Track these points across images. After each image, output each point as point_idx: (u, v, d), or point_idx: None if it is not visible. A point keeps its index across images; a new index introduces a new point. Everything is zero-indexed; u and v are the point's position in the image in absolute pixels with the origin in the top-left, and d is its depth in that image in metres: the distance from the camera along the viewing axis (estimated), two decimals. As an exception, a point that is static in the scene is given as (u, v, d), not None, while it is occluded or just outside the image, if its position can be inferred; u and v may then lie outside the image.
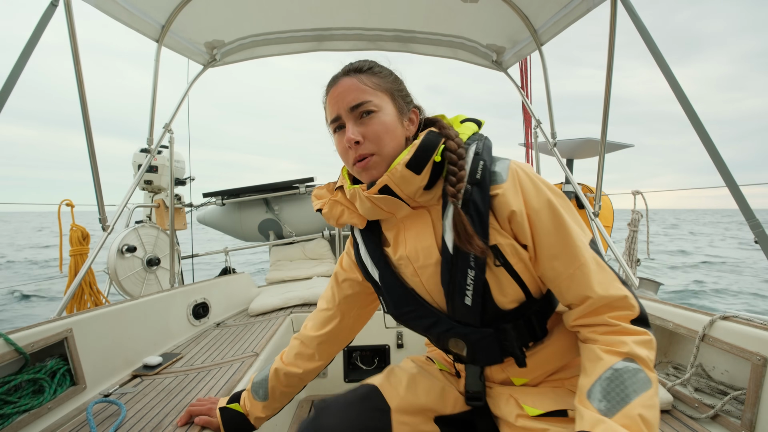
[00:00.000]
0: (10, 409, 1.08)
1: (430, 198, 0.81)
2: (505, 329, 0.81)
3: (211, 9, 2.18)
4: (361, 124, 0.79)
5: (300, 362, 1.05)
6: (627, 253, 2.68)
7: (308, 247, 3.36)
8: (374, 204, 0.81)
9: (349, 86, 0.80)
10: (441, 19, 2.41)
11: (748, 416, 1.09)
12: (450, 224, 0.77)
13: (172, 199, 2.77)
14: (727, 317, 1.23)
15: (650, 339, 0.72)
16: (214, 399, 1.12)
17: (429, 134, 0.79)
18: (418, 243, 0.83)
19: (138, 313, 1.71)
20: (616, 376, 0.67)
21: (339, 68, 0.86)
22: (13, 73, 1.45)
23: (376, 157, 0.79)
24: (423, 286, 0.85)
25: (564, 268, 0.75)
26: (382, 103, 0.80)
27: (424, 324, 0.86)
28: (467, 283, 0.77)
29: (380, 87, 0.81)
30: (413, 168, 0.76)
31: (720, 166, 1.47)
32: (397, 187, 0.77)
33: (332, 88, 0.83)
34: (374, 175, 0.80)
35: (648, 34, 1.64)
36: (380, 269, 0.88)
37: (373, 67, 0.84)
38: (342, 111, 0.80)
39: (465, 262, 0.76)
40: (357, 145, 0.78)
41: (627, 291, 0.74)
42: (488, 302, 0.79)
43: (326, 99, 0.85)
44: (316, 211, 0.91)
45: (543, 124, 2.68)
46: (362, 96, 0.79)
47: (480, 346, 0.83)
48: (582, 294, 0.74)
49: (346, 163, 0.84)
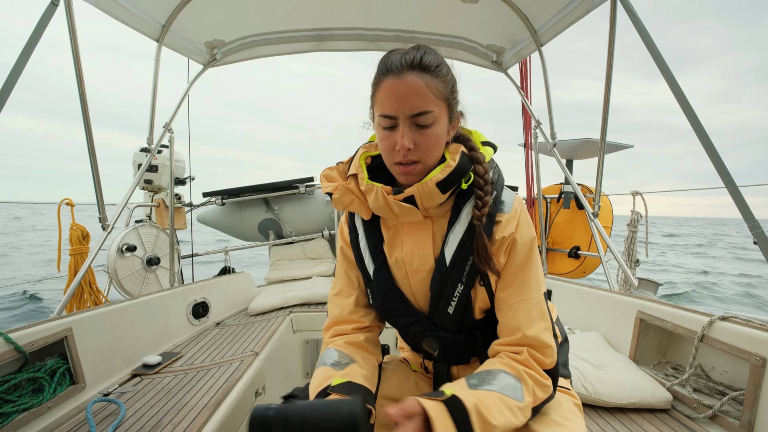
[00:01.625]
0: (9, 407, 1.08)
1: (439, 211, 0.85)
2: (476, 335, 0.90)
3: (211, 9, 2.18)
4: (416, 132, 0.78)
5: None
6: (626, 253, 2.68)
7: (308, 246, 3.36)
8: (390, 205, 0.82)
9: (415, 90, 0.76)
10: (441, 20, 2.41)
11: (746, 417, 1.09)
12: (457, 239, 0.82)
13: (172, 198, 2.77)
14: (726, 318, 1.24)
15: (549, 389, 0.79)
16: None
17: (462, 158, 0.81)
18: (415, 249, 0.86)
19: (138, 313, 1.71)
20: (495, 374, 0.75)
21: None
22: (14, 71, 1.46)
23: (421, 165, 0.80)
24: (410, 288, 0.90)
25: (513, 296, 0.82)
26: (439, 114, 0.79)
27: (405, 321, 0.91)
28: (454, 295, 0.84)
29: (441, 95, 0.79)
30: (441, 188, 0.79)
31: (719, 165, 1.47)
32: (420, 200, 0.81)
33: (393, 79, 0.76)
34: (413, 180, 0.81)
35: (647, 34, 1.64)
36: (377, 265, 0.90)
37: (439, 65, 0.79)
38: (401, 114, 0.77)
39: (458, 275, 0.83)
40: (408, 151, 0.78)
41: (553, 343, 0.81)
42: (467, 314, 0.87)
43: (381, 85, 0.79)
44: (324, 193, 0.90)
45: (543, 125, 2.69)
46: (426, 105, 0.76)
47: (452, 348, 0.91)
48: (516, 325, 0.80)
49: (387, 158, 0.82)
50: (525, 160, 3.83)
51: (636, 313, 1.55)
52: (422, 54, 0.78)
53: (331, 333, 0.95)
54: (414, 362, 1.07)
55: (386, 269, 0.90)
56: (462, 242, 0.82)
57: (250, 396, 1.47)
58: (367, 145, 0.92)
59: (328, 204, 3.42)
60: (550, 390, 0.79)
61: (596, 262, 3.26)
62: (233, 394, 1.31)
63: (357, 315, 0.95)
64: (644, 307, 1.53)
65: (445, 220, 0.85)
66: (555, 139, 2.58)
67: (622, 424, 1.21)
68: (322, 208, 3.43)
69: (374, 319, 0.98)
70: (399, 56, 0.78)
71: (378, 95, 0.80)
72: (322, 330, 0.99)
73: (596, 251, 2.36)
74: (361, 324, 0.94)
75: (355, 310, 0.95)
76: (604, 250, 2.40)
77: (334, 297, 0.99)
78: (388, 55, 0.81)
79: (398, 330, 1.00)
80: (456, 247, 0.82)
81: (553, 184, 3.81)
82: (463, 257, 0.82)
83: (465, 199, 0.83)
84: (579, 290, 2.01)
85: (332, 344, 0.91)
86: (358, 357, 0.89)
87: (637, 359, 1.52)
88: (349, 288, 0.97)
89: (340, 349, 0.89)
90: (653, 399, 1.27)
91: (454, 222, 0.83)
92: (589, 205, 2.30)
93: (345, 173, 0.91)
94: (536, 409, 0.77)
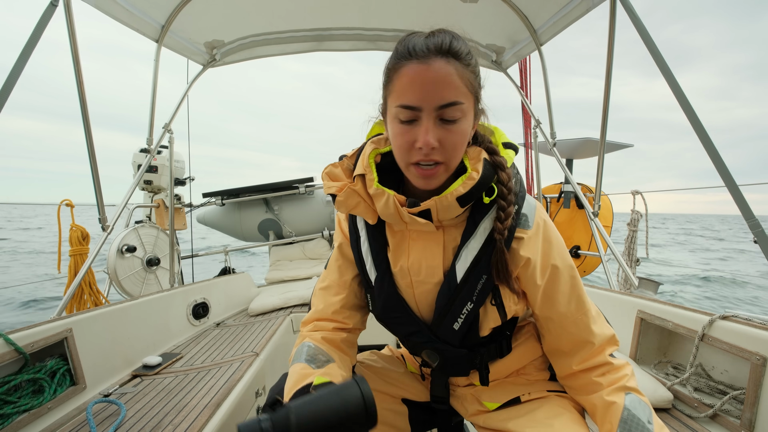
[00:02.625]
0: (10, 408, 1.08)
1: (453, 221, 0.77)
2: (479, 351, 0.86)
3: (210, 9, 2.18)
4: (442, 127, 0.67)
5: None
6: (627, 252, 2.68)
7: (308, 247, 3.36)
8: (401, 215, 0.74)
9: (444, 77, 0.65)
10: (440, 19, 2.40)
11: (747, 416, 1.09)
12: (471, 255, 0.75)
13: (171, 199, 2.77)
14: (726, 317, 1.23)
15: (630, 366, 0.79)
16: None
17: (486, 168, 0.73)
18: (423, 260, 0.79)
19: (138, 313, 1.71)
20: (630, 416, 0.72)
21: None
22: (14, 71, 1.46)
23: (443, 167, 0.70)
24: (414, 298, 0.83)
25: (571, 314, 0.78)
26: (468, 109, 0.69)
27: (406, 331, 0.86)
28: (462, 312, 0.78)
29: (471, 86, 0.69)
30: (461, 202, 0.71)
31: (719, 164, 1.47)
32: (436, 213, 0.73)
33: (418, 64, 0.65)
34: (433, 185, 0.71)
35: (646, 32, 1.64)
36: (379, 273, 0.83)
37: (469, 53, 0.69)
38: (426, 104, 0.66)
39: (469, 293, 0.76)
40: (431, 149, 0.68)
41: (611, 328, 0.82)
42: (472, 330, 0.81)
43: (401, 70, 0.67)
44: (327, 194, 0.80)
45: (542, 124, 2.69)
46: (456, 95, 0.66)
47: (452, 362, 0.86)
48: (583, 338, 0.78)
49: (402, 158, 0.71)
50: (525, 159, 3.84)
51: (636, 312, 1.55)
52: (451, 38, 0.67)
53: (310, 327, 0.88)
54: (411, 364, 1.05)
55: (389, 277, 0.82)
56: (477, 259, 0.75)
57: (251, 396, 1.47)
58: (376, 139, 0.81)
59: (328, 204, 3.42)
60: (629, 366, 0.79)
61: (596, 262, 3.26)
62: (233, 394, 1.31)
63: (341, 316, 0.88)
64: (644, 307, 1.53)
65: (459, 230, 0.77)
66: (555, 139, 2.58)
67: (622, 424, 1.20)
68: (322, 209, 3.43)
69: (358, 322, 0.92)
70: (424, 39, 0.67)
71: (397, 83, 0.68)
72: (301, 323, 0.92)
73: (596, 251, 2.36)
74: (343, 325, 0.89)
75: (340, 310, 0.88)
76: (605, 249, 2.40)
77: (320, 290, 0.91)
78: (408, 37, 0.69)
79: (398, 338, 0.93)
80: (470, 264, 0.75)
81: (553, 184, 3.82)
82: (476, 274, 0.75)
83: (482, 210, 0.75)
84: (579, 290, 2.00)
85: (309, 338, 0.85)
86: (335, 356, 0.82)
87: (638, 358, 1.52)
88: (338, 286, 0.89)
89: (318, 344, 0.83)
90: (654, 398, 1.27)
91: (469, 236, 0.75)
92: (589, 204, 2.30)
93: (350, 171, 0.81)
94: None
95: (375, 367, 1.00)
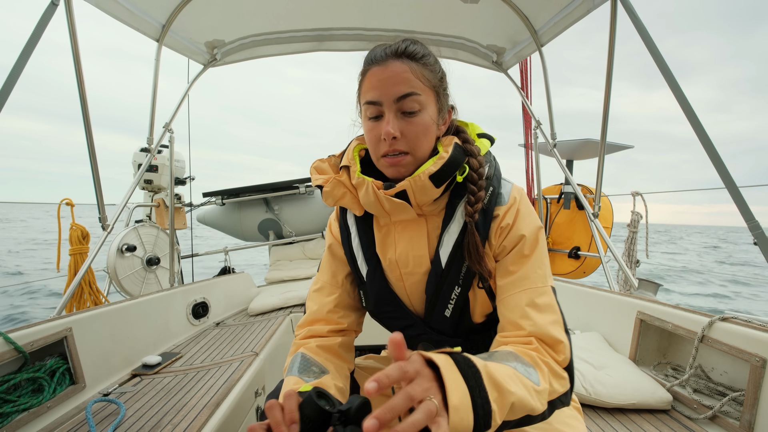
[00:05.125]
0: (9, 407, 1.08)
1: (433, 208, 0.81)
2: (474, 340, 0.85)
3: (211, 9, 2.18)
4: (403, 119, 0.75)
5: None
6: (626, 254, 2.68)
7: (308, 246, 3.36)
8: (381, 202, 0.78)
9: (399, 75, 0.74)
10: (441, 20, 2.41)
11: (746, 417, 1.09)
12: (452, 239, 0.78)
13: (172, 198, 2.77)
14: (726, 318, 1.24)
15: (566, 382, 0.69)
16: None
17: (456, 150, 0.77)
18: (410, 250, 0.82)
19: (137, 313, 1.71)
20: (504, 354, 0.65)
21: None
22: (14, 72, 1.46)
23: (410, 157, 0.76)
24: (405, 290, 0.86)
25: (516, 285, 0.75)
26: (426, 102, 0.76)
27: (400, 324, 0.88)
28: (451, 297, 0.80)
29: (429, 83, 0.76)
30: (435, 181, 0.75)
31: (719, 164, 1.47)
32: (413, 195, 0.76)
33: (378, 66, 0.75)
34: (402, 173, 0.77)
35: (647, 34, 1.64)
36: (370, 267, 0.86)
37: (426, 56, 0.78)
38: (385, 99, 0.74)
39: (455, 278, 0.79)
40: (393, 140, 0.74)
41: (566, 338, 0.71)
42: (465, 317, 0.83)
43: (366, 74, 0.77)
44: (315, 186, 0.85)
45: (543, 125, 2.69)
46: (410, 88, 0.74)
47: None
48: (519, 315, 0.72)
49: (374, 152, 0.79)
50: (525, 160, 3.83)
51: (636, 313, 1.55)
52: (407, 44, 0.76)
53: (304, 333, 0.89)
54: None
55: (380, 271, 0.85)
56: (458, 243, 0.78)
57: (250, 396, 1.47)
58: (361, 137, 0.88)
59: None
60: (568, 384, 0.69)
61: (596, 263, 3.26)
62: (233, 394, 1.31)
63: (336, 315, 0.90)
64: (644, 308, 1.53)
65: (440, 218, 0.81)
66: (555, 140, 2.58)
67: (622, 425, 1.21)
68: (322, 208, 3.43)
69: (353, 322, 0.93)
70: (383, 47, 0.77)
71: (363, 85, 0.78)
72: (296, 327, 0.93)
73: (596, 252, 2.36)
74: (338, 326, 0.89)
75: (334, 310, 0.89)
76: (605, 250, 2.40)
77: (314, 293, 0.94)
78: (373, 49, 0.79)
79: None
80: (452, 248, 0.78)
81: (553, 185, 3.81)
82: (459, 258, 0.78)
83: (460, 197, 0.79)
84: (579, 291, 2.01)
85: (304, 347, 0.85)
86: (330, 366, 0.83)
87: (637, 360, 1.52)
88: (332, 286, 0.92)
89: (312, 355, 0.84)
90: (653, 400, 1.27)
91: (449, 221, 0.79)
92: (590, 205, 2.30)
93: (337, 166, 0.86)
94: (552, 405, 0.66)
95: (375, 371, 1.00)
